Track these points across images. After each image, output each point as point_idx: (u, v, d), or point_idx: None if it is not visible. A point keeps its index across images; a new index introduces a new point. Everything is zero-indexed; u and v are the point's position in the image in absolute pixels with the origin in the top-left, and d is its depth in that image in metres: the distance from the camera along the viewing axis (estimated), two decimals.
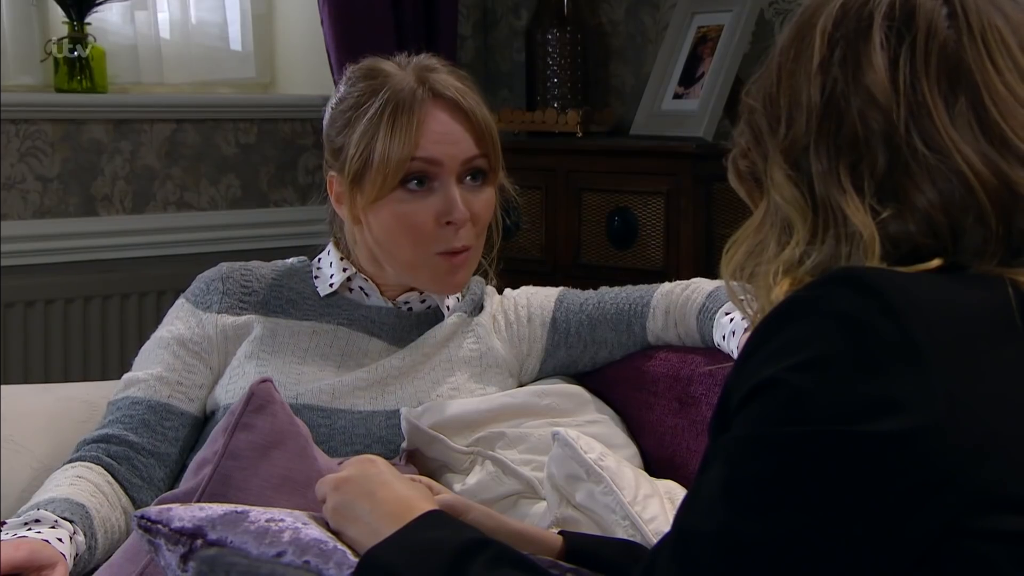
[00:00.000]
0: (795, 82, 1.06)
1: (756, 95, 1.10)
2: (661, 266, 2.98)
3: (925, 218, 1.02)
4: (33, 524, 1.55)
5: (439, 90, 1.76)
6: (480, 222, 1.78)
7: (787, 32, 1.10)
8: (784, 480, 0.93)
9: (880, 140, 1.02)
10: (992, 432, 0.94)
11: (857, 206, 1.02)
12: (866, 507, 0.92)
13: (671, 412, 1.81)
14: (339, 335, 1.81)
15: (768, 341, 0.97)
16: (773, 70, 1.09)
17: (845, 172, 1.03)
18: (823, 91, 1.04)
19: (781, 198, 1.05)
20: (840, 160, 1.03)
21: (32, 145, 3.14)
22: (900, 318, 0.94)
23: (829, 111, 1.04)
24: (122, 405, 1.77)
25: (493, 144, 1.79)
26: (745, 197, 1.14)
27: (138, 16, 3.38)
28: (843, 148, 1.03)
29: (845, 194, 1.02)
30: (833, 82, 1.04)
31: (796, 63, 1.07)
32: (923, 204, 1.01)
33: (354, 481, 1.27)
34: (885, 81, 1.03)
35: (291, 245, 3.06)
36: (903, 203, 1.02)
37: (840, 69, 1.04)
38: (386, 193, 1.74)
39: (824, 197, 1.03)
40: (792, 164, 1.05)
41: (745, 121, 1.11)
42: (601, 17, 3.60)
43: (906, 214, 1.02)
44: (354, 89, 1.78)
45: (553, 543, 1.32)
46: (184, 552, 1.23)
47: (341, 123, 1.78)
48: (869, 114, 1.03)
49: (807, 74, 1.06)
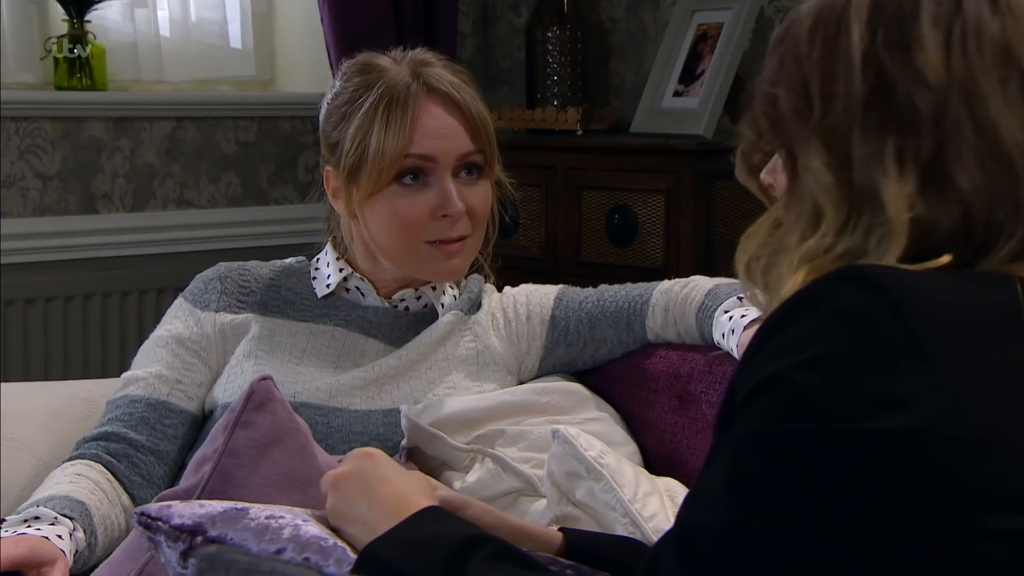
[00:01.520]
0: (830, 67, 1.04)
1: (776, 84, 1.08)
2: (661, 264, 2.98)
3: (963, 206, 1.01)
4: (33, 521, 1.55)
5: (433, 84, 1.76)
6: (476, 215, 1.78)
7: (804, 21, 1.08)
8: (788, 477, 0.93)
9: (929, 123, 1.01)
10: (997, 430, 0.94)
11: (897, 191, 1.00)
12: (870, 504, 0.91)
13: (671, 410, 1.81)
14: (336, 336, 1.81)
15: (773, 338, 0.97)
16: (796, 57, 1.07)
17: (891, 155, 1.01)
18: (866, 74, 1.03)
19: (815, 185, 1.04)
20: (886, 143, 1.02)
21: (32, 143, 3.14)
22: (905, 316, 0.94)
23: (875, 95, 1.03)
24: (121, 403, 1.77)
25: (488, 139, 1.79)
26: (758, 192, 1.13)
27: (138, 14, 3.38)
28: (889, 131, 1.02)
29: (887, 178, 1.01)
30: (879, 65, 1.03)
31: (828, 49, 1.05)
32: (967, 188, 1.00)
33: (351, 478, 1.26)
34: (938, 64, 1.02)
35: (291, 243, 3.06)
36: (944, 189, 1.01)
37: (887, 52, 1.03)
38: (381, 187, 1.74)
39: (864, 183, 1.02)
40: (830, 149, 1.04)
41: (761, 112, 1.09)
42: (601, 15, 3.60)
43: (946, 200, 1.01)
44: (349, 84, 1.78)
45: (553, 540, 1.32)
46: (184, 549, 1.23)
47: (336, 118, 1.78)
48: (919, 97, 1.01)
49: (846, 58, 1.04)
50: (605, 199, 3.12)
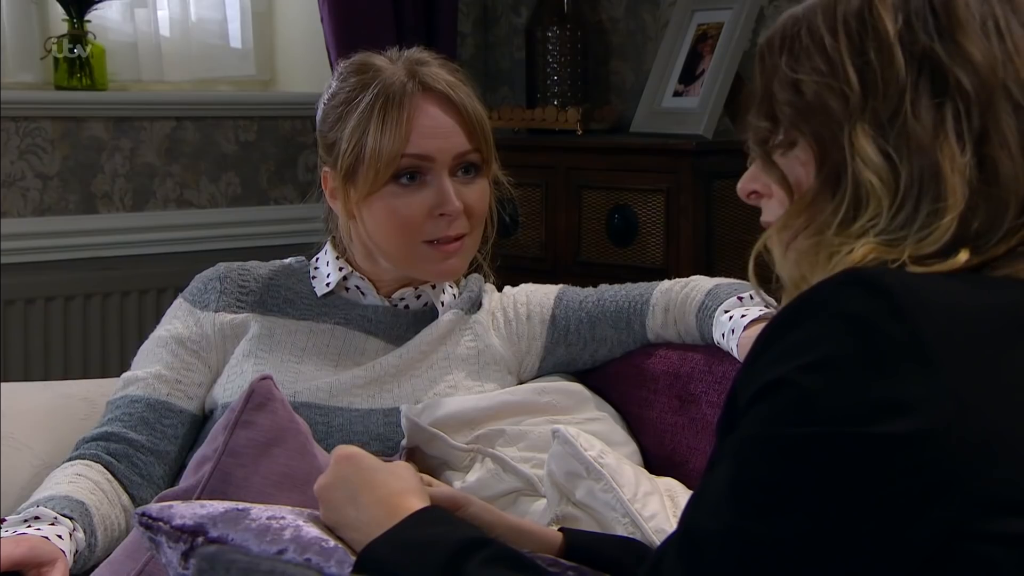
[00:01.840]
0: (862, 53, 1.04)
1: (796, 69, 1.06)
2: (661, 264, 2.98)
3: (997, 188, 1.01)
4: (33, 521, 1.55)
5: (429, 83, 1.76)
6: (474, 213, 1.78)
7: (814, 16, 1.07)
8: (791, 480, 0.93)
9: (978, 104, 1.02)
10: (1001, 434, 0.94)
11: (958, 165, 1.00)
12: (873, 508, 0.91)
13: (671, 410, 1.81)
14: (336, 334, 1.81)
15: (777, 341, 0.97)
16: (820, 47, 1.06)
17: (952, 131, 1.01)
18: (909, 57, 1.03)
19: (864, 164, 1.02)
20: (945, 120, 1.02)
21: (32, 143, 3.14)
22: (909, 319, 0.94)
23: (922, 76, 1.03)
24: (121, 403, 1.77)
25: (485, 137, 1.78)
26: (778, 180, 1.10)
27: (138, 14, 3.38)
28: (947, 110, 1.02)
29: (946, 152, 1.01)
30: (923, 49, 1.03)
31: (857, 34, 1.05)
32: (1005, 168, 1.01)
33: (334, 488, 1.25)
34: (983, 43, 1.03)
35: (291, 243, 3.06)
36: (988, 172, 1.01)
37: (926, 35, 1.03)
38: (378, 187, 1.74)
39: (921, 156, 1.01)
40: (880, 128, 1.03)
41: (784, 100, 1.07)
42: (601, 14, 3.60)
43: (989, 184, 1.01)
44: (345, 84, 1.78)
45: (553, 539, 1.32)
46: (185, 549, 1.23)
47: (333, 118, 1.78)
48: (966, 79, 1.02)
49: (880, 42, 1.03)
50: (605, 199, 3.12)
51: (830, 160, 1.05)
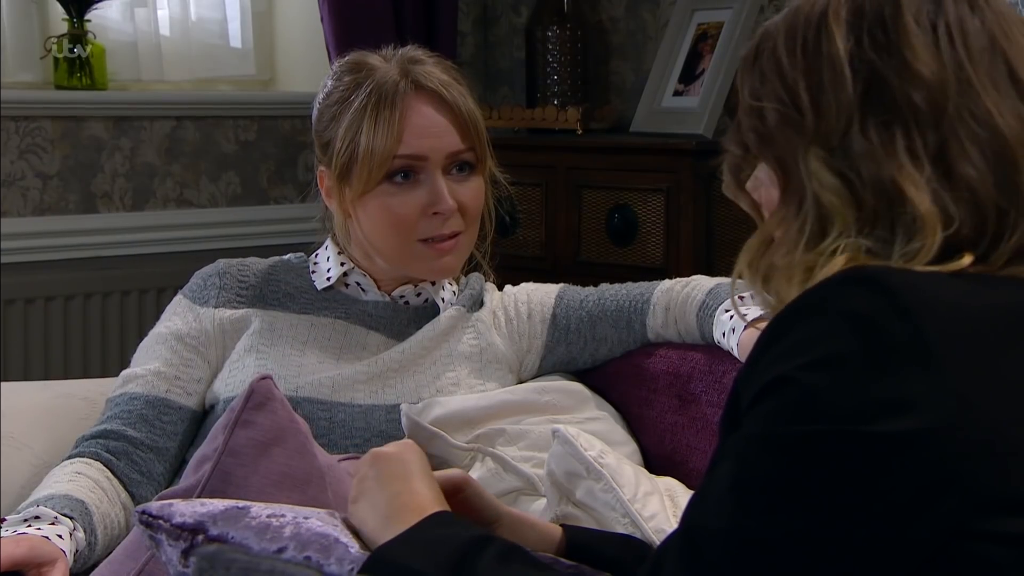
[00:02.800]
0: (816, 73, 1.05)
1: (760, 98, 1.08)
2: (661, 263, 2.98)
3: (972, 196, 1.01)
4: (33, 520, 1.55)
5: (422, 82, 1.76)
6: (469, 211, 1.78)
7: (778, 34, 1.09)
8: (794, 479, 0.93)
9: (930, 118, 1.02)
10: (1003, 434, 0.94)
11: (917, 184, 1.01)
12: (876, 507, 0.91)
13: (671, 409, 1.81)
14: (337, 328, 1.81)
15: (780, 339, 0.97)
16: (777, 70, 1.07)
17: (902, 149, 1.02)
18: (857, 76, 1.03)
19: (821, 188, 1.03)
20: (894, 138, 1.02)
21: (32, 142, 3.14)
22: (913, 318, 0.94)
23: (870, 95, 1.03)
24: (120, 401, 1.77)
25: (479, 136, 1.79)
26: (748, 207, 1.13)
27: (138, 13, 3.38)
28: (895, 127, 1.02)
29: (902, 171, 1.01)
30: (869, 66, 1.04)
31: (811, 57, 1.06)
32: (973, 177, 1.01)
33: (395, 459, 1.25)
34: (930, 59, 1.03)
35: (291, 242, 3.03)
36: (953, 180, 1.01)
37: (875, 53, 1.04)
38: (372, 186, 1.74)
39: (876, 177, 1.02)
40: (830, 151, 1.04)
41: (748, 127, 1.09)
42: (601, 14, 3.60)
43: (957, 191, 1.01)
44: (339, 83, 1.79)
45: (552, 532, 1.32)
46: (185, 548, 1.23)
47: (327, 117, 1.79)
48: (915, 93, 1.02)
49: (831, 64, 1.04)
50: (605, 198, 3.12)
51: (793, 183, 1.06)
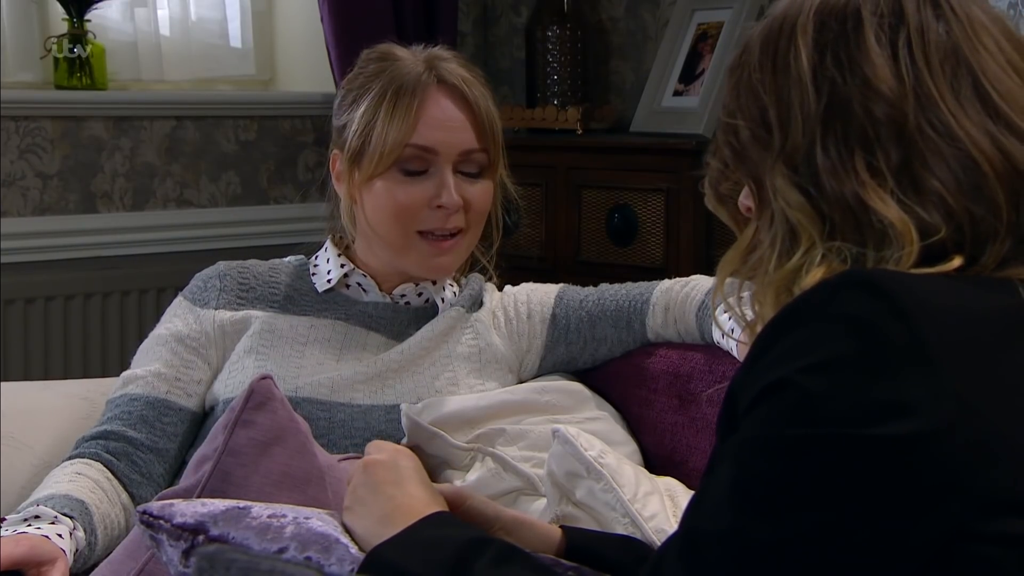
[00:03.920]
0: (783, 91, 1.06)
1: (734, 113, 1.10)
2: (661, 263, 2.98)
3: (942, 205, 1.01)
4: (33, 520, 1.55)
5: (445, 76, 1.77)
6: (473, 211, 1.78)
7: (754, 47, 1.10)
8: (792, 482, 0.93)
9: (891, 133, 1.03)
10: (1002, 435, 0.94)
11: (882, 197, 1.01)
12: (875, 510, 0.91)
13: (671, 409, 1.81)
14: (337, 329, 1.82)
15: (778, 342, 0.97)
16: (750, 86, 1.09)
17: (862, 166, 1.03)
18: (820, 93, 1.05)
19: (787, 205, 1.05)
20: (854, 155, 1.03)
21: (32, 142, 3.14)
22: (910, 320, 0.94)
23: (831, 112, 1.04)
24: (120, 402, 1.78)
25: (494, 138, 1.79)
26: (728, 220, 1.14)
27: (138, 13, 3.38)
28: (854, 144, 1.03)
29: (865, 186, 1.02)
30: (831, 83, 1.04)
31: (780, 73, 1.07)
32: (940, 189, 1.01)
33: (385, 466, 1.26)
34: (889, 75, 1.03)
35: (291, 242, 3.04)
36: (920, 193, 1.02)
37: (836, 70, 1.04)
38: (381, 171, 1.75)
39: (838, 193, 1.03)
40: (794, 168, 1.05)
41: (723, 142, 1.11)
42: (601, 14, 3.60)
43: (925, 203, 1.02)
44: (364, 70, 1.81)
45: (552, 533, 1.32)
46: (186, 548, 1.23)
47: (348, 101, 1.81)
48: (876, 109, 1.03)
49: (797, 80, 1.05)
50: (605, 198, 3.12)
51: (764, 198, 1.08)
